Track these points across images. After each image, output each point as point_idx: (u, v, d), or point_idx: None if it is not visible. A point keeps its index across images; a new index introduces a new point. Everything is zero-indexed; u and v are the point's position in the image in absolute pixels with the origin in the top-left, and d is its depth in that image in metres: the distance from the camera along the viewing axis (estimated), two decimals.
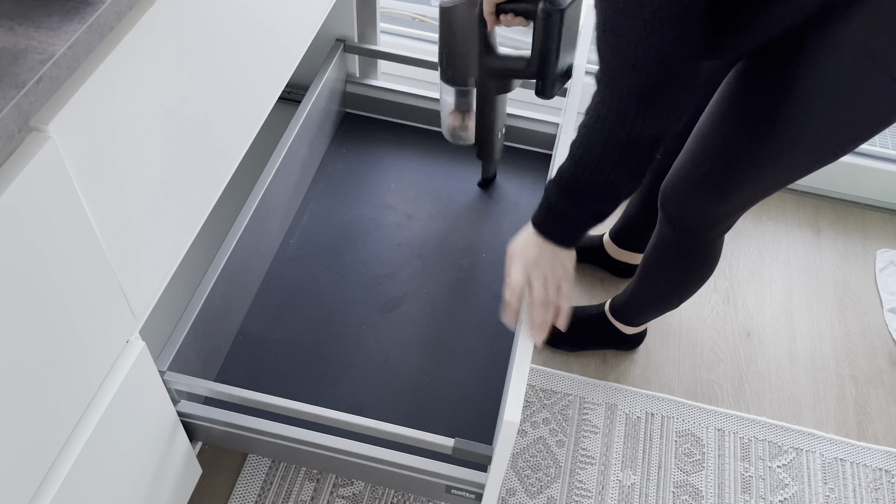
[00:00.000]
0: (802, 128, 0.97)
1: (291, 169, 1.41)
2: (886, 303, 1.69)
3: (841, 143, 0.99)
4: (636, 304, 1.43)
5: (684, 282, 1.31)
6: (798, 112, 0.97)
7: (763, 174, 1.06)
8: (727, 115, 1.04)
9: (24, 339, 0.68)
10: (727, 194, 1.11)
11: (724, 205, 1.13)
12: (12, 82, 0.58)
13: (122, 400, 0.88)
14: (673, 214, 1.20)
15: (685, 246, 1.24)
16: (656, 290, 1.36)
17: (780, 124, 0.99)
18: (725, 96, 1.05)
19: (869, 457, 1.46)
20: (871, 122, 0.95)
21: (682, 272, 1.29)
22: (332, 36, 1.54)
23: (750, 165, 1.05)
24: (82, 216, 0.71)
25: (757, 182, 1.07)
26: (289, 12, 1.08)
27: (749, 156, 1.04)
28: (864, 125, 0.95)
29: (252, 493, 1.32)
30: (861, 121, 0.95)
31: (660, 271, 1.32)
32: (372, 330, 1.32)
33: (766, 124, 1.00)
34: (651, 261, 1.33)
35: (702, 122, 1.10)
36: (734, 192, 1.10)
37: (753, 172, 1.06)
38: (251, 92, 1.02)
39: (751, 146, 1.03)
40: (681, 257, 1.27)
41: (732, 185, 1.09)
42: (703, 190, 1.13)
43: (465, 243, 1.45)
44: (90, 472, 0.85)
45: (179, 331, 1.11)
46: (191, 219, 0.94)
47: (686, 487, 1.40)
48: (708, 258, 1.26)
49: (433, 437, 0.99)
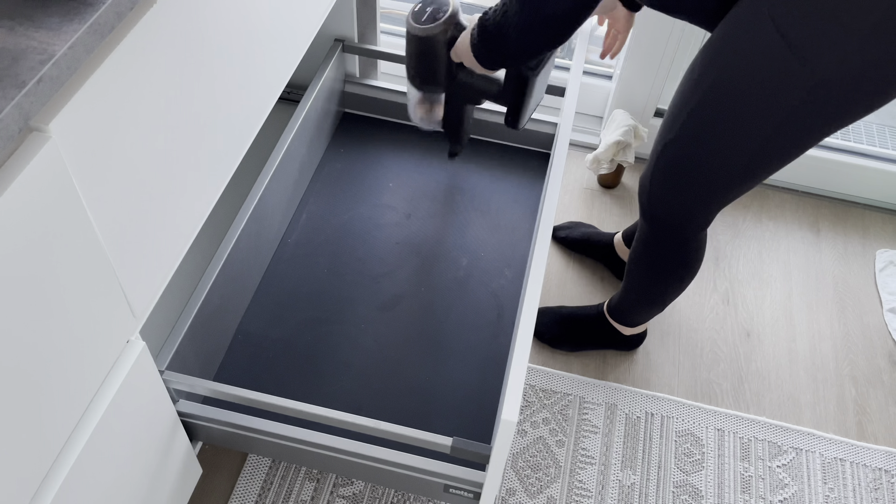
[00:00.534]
0: (732, 109, 0.98)
1: (290, 168, 1.41)
2: (886, 303, 1.69)
3: (769, 135, 0.98)
4: (627, 303, 1.44)
5: (666, 279, 1.31)
6: (724, 90, 0.97)
7: (714, 161, 1.06)
8: (680, 95, 1.06)
9: (25, 339, 0.68)
10: (689, 183, 1.11)
11: (689, 196, 1.13)
12: (13, 82, 0.58)
13: (122, 400, 0.88)
14: (645, 206, 1.21)
15: (661, 242, 1.25)
16: (641, 288, 1.37)
17: (713, 106, 1.00)
18: (683, 76, 1.06)
19: (868, 457, 1.46)
20: (798, 112, 0.94)
21: (660, 269, 1.30)
22: (331, 36, 1.54)
23: (700, 151, 1.06)
24: (82, 216, 0.71)
25: (711, 170, 1.07)
26: (289, 12, 1.08)
27: (696, 141, 1.05)
28: (790, 112, 0.94)
29: (252, 493, 1.32)
30: (784, 105, 0.94)
31: (641, 268, 1.33)
32: (370, 329, 1.32)
33: (704, 106, 1.01)
34: (633, 257, 1.34)
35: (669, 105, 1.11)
36: (694, 181, 1.10)
37: (705, 158, 1.06)
38: (251, 92, 1.02)
39: (697, 129, 1.04)
40: (658, 254, 1.27)
41: (690, 172, 1.09)
42: (666, 178, 1.13)
43: (463, 242, 1.45)
44: (90, 471, 0.85)
45: (178, 330, 1.11)
46: (191, 218, 0.94)
47: (686, 487, 1.40)
48: (685, 254, 1.26)
49: (431, 437, 0.99)
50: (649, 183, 1.17)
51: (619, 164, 1.79)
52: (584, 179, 1.89)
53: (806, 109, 0.93)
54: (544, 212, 1.15)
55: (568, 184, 1.88)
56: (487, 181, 1.55)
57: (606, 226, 1.79)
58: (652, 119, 1.90)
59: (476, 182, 1.55)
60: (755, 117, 0.97)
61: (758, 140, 0.99)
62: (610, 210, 1.83)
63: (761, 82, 0.93)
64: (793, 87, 0.91)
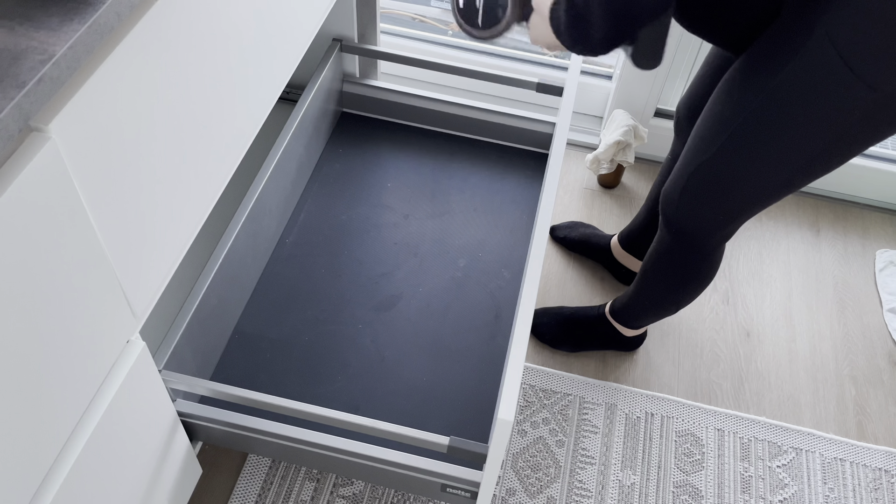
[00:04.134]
0: (783, 130, 0.97)
1: (288, 168, 1.41)
2: (886, 303, 1.69)
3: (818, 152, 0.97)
4: (635, 308, 1.43)
5: (682, 289, 1.31)
6: (775, 112, 0.96)
7: (754, 179, 1.05)
8: (718, 116, 1.04)
9: (26, 339, 0.68)
10: (722, 200, 1.10)
11: (721, 211, 1.12)
12: (13, 82, 0.58)
13: (122, 400, 0.88)
14: (671, 219, 1.20)
15: (683, 252, 1.24)
16: (654, 295, 1.36)
17: (760, 126, 0.99)
18: (716, 97, 1.05)
19: (868, 457, 1.46)
20: (851, 129, 0.94)
21: (679, 279, 1.29)
22: (330, 36, 1.54)
23: (739, 169, 1.05)
24: (82, 216, 0.71)
25: (749, 187, 1.06)
26: (289, 12, 1.08)
27: (737, 159, 1.04)
28: (843, 130, 0.94)
29: (252, 493, 1.32)
30: (840, 125, 0.93)
31: (658, 276, 1.32)
32: (368, 329, 1.32)
33: (748, 127, 1.00)
34: (650, 265, 1.33)
35: (698, 123, 1.10)
36: (729, 198, 1.09)
37: (744, 177, 1.05)
38: (251, 92, 1.02)
39: (738, 149, 1.03)
40: (679, 264, 1.26)
41: (726, 190, 1.09)
42: (699, 194, 1.12)
43: (462, 243, 1.45)
44: (90, 471, 0.85)
45: (175, 329, 1.11)
46: (191, 218, 0.94)
47: (686, 487, 1.40)
48: (706, 266, 1.25)
49: (428, 436, 0.99)
50: (679, 198, 1.16)
51: (619, 164, 1.79)
52: (585, 179, 1.89)
53: (862, 126, 0.93)
54: (542, 212, 1.15)
55: (568, 184, 1.88)
56: (486, 181, 1.56)
57: (606, 226, 1.80)
58: (652, 119, 1.90)
59: (475, 182, 1.55)
60: (807, 137, 0.96)
61: (806, 157, 0.99)
62: (610, 210, 1.83)
63: (819, 103, 0.92)
64: (853, 106, 0.90)
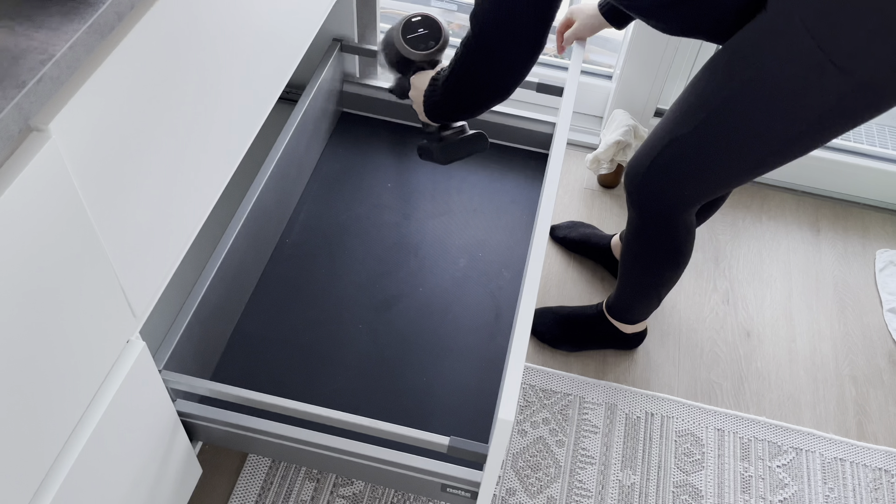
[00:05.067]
0: (761, 112, 1.00)
1: (288, 168, 1.41)
2: (886, 303, 1.69)
3: (795, 135, 1.00)
4: (623, 297, 1.45)
5: (659, 268, 1.33)
6: (755, 94, 0.99)
7: (727, 158, 1.08)
8: (700, 93, 1.08)
9: (26, 339, 0.68)
10: (692, 175, 1.14)
11: (691, 190, 1.16)
12: (13, 82, 0.58)
13: (122, 400, 0.88)
14: (632, 193, 1.24)
15: (650, 229, 1.27)
16: (635, 280, 1.39)
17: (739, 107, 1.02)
18: (701, 74, 1.08)
19: (868, 457, 1.46)
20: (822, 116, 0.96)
21: (654, 256, 1.32)
22: (330, 35, 1.54)
23: (714, 147, 1.08)
24: (82, 216, 0.71)
25: (721, 165, 1.10)
26: (289, 12, 1.08)
27: (714, 137, 1.07)
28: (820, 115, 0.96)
29: (252, 493, 1.32)
30: (816, 109, 0.96)
31: (635, 260, 1.35)
32: (368, 329, 1.32)
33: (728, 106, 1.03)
34: (625, 250, 1.37)
35: (678, 99, 1.14)
36: (699, 174, 1.13)
37: (718, 155, 1.09)
38: (251, 92, 1.02)
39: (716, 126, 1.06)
40: (649, 243, 1.30)
41: (698, 166, 1.12)
42: (668, 167, 1.16)
43: (461, 243, 1.45)
44: (90, 471, 0.85)
45: (175, 329, 1.11)
46: (191, 218, 0.94)
47: (686, 487, 1.40)
48: (671, 240, 1.28)
49: (428, 436, 1.00)
50: (646, 171, 1.19)
51: (619, 164, 1.79)
52: (585, 179, 1.89)
53: (838, 110, 0.95)
54: (542, 212, 1.15)
55: (568, 184, 1.88)
56: (486, 182, 1.56)
57: (606, 226, 1.80)
58: (652, 119, 1.90)
59: (474, 182, 1.55)
60: (784, 119, 0.99)
61: (781, 140, 1.01)
62: (610, 210, 1.83)
63: (796, 86, 0.94)
64: (829, 91, 0.93)
